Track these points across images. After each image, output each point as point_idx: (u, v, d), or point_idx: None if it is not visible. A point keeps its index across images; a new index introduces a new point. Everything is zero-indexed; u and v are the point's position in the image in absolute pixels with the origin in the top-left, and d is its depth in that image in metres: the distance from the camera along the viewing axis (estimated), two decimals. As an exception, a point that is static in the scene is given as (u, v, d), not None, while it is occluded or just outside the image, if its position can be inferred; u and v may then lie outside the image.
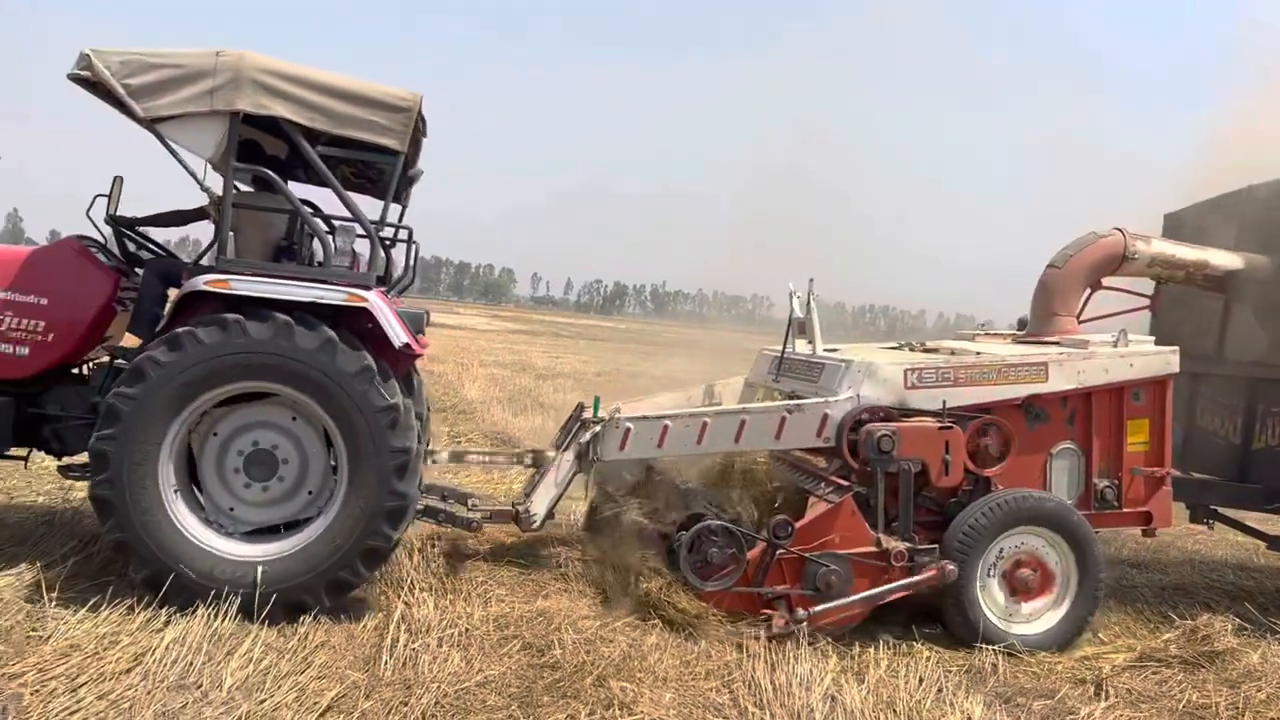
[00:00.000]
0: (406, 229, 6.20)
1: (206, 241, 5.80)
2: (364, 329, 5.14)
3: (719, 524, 5.49)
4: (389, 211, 5.53)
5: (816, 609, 5.37)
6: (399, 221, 6.18)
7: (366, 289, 5.16)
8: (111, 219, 5.63)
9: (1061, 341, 6.47)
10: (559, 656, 4.75)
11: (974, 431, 5.94)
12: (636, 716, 4.24)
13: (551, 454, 6.08)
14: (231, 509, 5.15)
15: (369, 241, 5.41)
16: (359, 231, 5.51)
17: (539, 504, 5.89)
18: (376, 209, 5.53)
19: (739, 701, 4.51)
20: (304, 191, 6.07)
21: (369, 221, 5.39)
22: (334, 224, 5.73)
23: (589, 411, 5.99)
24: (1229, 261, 7.05)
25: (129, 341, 5.62)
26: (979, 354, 6.21)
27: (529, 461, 6.39)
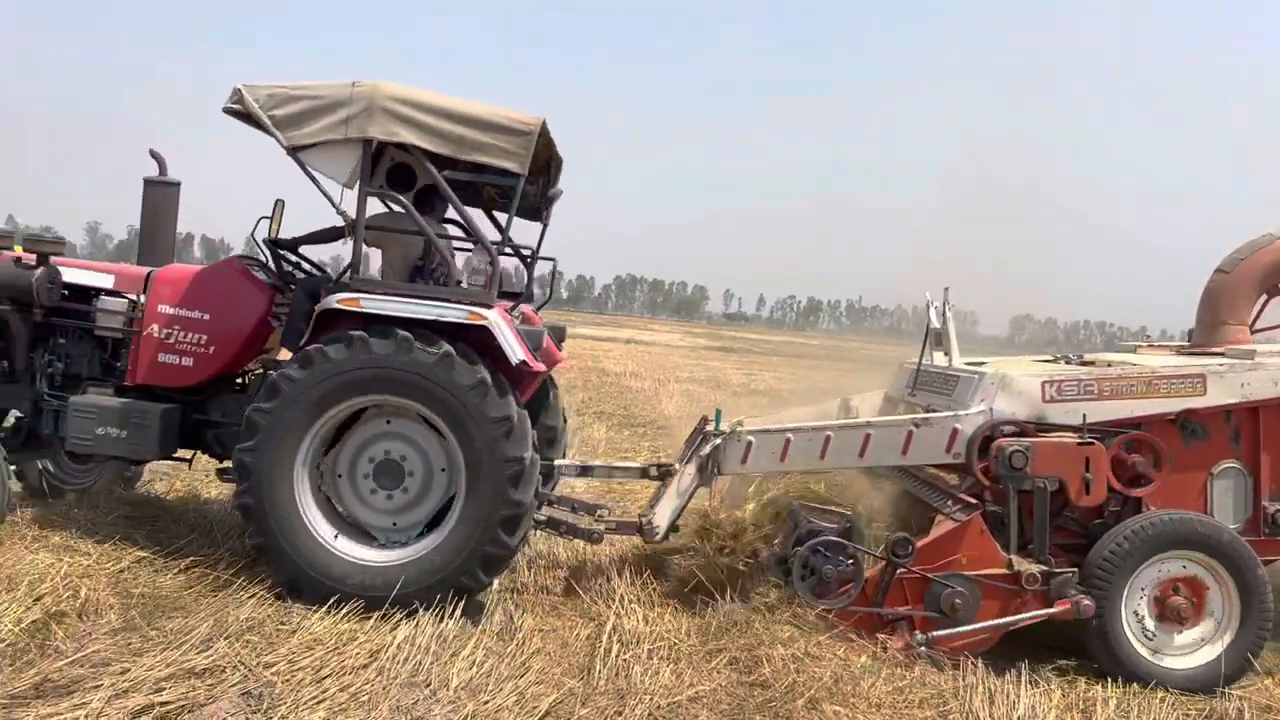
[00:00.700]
0: (550, 260, 6.47)
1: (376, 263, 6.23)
2: (488, 345, 5.33)
3: (832, 539, 5.36)
4: (518, 231, 5.74)
5: (939, 633, 5.16)
6: (539, 241, 6.36)
7: (488, 307, 5.35)
8: (271, 242, 6.08)
9: (1226, 352, 5.96)
10: (767, 675, 4.69)
11: (1119, 448, 5.55)
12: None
13: (677, 466, 6.12)
14: (369, 520, 5.42)
15: (492, 261, 5.58)
16: (507, 251, 5.72)
17: (662, 516, 5.93)
18: (532, 231, 5.86)
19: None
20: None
21: (490, 242, 5.61)
22: (478, 245, 5.91)
23: (711, 425, 6.00)
24: None
25: (283, 355, 6.03)
26: (1129, 365, 5.80)
27: (654, 474, 6.45)
